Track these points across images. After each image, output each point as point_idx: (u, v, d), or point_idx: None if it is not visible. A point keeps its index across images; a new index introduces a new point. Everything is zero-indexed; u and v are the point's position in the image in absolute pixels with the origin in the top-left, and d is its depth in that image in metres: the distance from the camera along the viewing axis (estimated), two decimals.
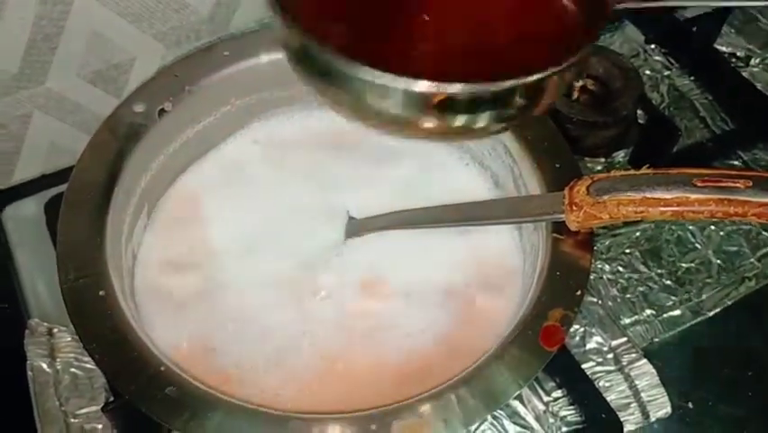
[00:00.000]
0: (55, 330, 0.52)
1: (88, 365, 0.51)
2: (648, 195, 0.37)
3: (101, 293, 0.40)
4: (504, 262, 0.48)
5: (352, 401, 0.38)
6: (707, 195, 0.36)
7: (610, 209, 0.38)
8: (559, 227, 0.42)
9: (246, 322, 0.46)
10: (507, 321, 0.43)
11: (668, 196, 0.36)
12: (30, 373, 0.50)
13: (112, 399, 0.48)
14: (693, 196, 0.36)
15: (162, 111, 0.48)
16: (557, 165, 0.45)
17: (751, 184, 0.35)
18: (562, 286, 0.40)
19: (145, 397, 0.37)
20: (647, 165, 0.39)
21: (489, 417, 0.50)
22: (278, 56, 0.51)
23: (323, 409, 0.38)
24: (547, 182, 0.45)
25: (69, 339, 0.51)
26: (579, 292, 0.40)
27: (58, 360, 0.51)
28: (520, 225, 0.48)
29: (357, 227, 0.50)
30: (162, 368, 0.38)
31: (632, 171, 0.39)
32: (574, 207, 0.39)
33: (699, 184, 0.36)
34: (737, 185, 0.36)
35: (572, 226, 0.40)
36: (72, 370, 0.51)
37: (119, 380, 0.38)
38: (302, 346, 0.45)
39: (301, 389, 0.43)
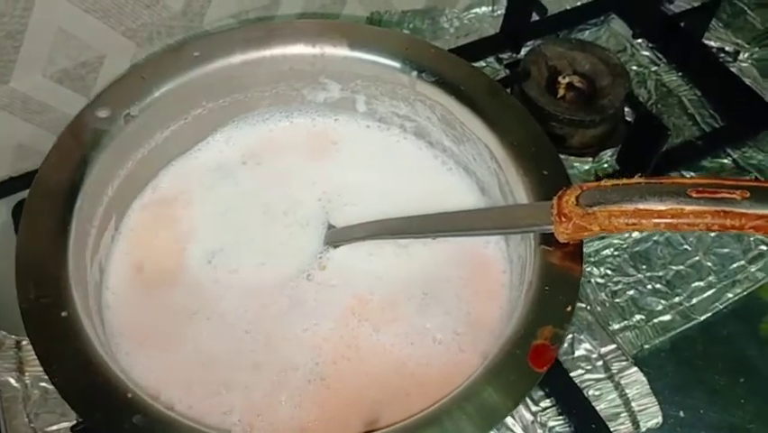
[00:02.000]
0: (23, 342, 0.50)
1: None
2: (641, 206, 0.35)
3: (63, 314, 0.38)
4: (490, 273, 0.46)
5: (337, 422, 0.37)
6: (702, 206, 0.34)
7: (601, 221, 0.36)
8: (547, 238, 0.40)
9: (221, 338, 0.44)
10: (494, 337, 0.42)
11: (662, 207, 0.35)
12: None
13: None
14: (688, 207, 0.34)
15: (128, 116, 0.46)
16: (544, 172, 0.43)
17: (748, 195, 0.34)
18: (552, 301, 0.39)
19: (110, 425, 0.35)
20: (640, 174, 0.37)
21: None
22: (253, 56, 0.49)
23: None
24: (534, 190, 0.43)
25: None
26: (569, 308, 0.38)
27: (26, 374, 0.49)
28: (507, 235, 0.46)
29: (337, 236, 0.48)
30: (129, 395, 0.36)
31: (623, 180, 0.37)
32: (563, 219, 0.37)
33: (694, 195, 0.35)
34: (734, 196, 0.34)
35: (561, 238, 0.38)
36: (42, 384, 0.49)
37: (82, 407, 0.36)
38: (284, 364, 0.43)
39: (284, 409, 0.41)
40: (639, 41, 0.71)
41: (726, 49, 0.70)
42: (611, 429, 0.48)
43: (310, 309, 0.46)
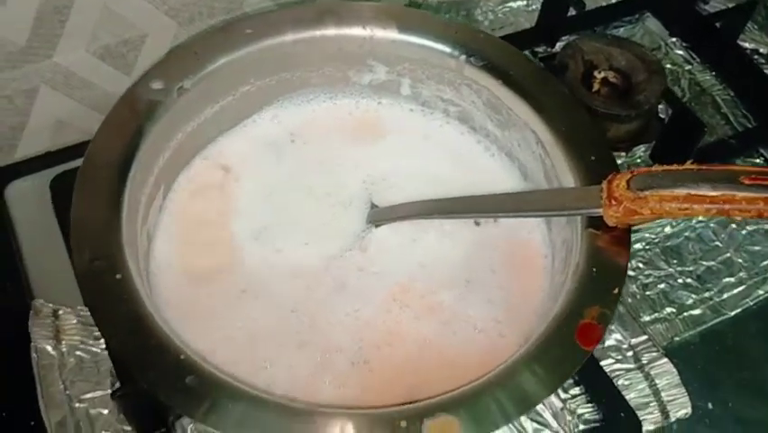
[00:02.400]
0: (60, 311, 0.50)
1: (94, 349, 0.49)
2: (693, 191, 0.36)
3: (117, 276, 0.39)
4: (532, 258, 0.47)
5: (379, 398, 0.37)
6: (755, 193, 0.35)
7: (652, 205, 0.36)
8: (594, 222, 0.41)
9: (268, 316, 0.44)
10: (536, 318, 0.42)
11: (714, 193, 0.35)
12: (34, 355, 0.48)
13: (118, 384, 0.47)
14: (740, 194, 0.35)
15: (181, 89, 0.46)
16: (592, 158, 0.44)
17: None
18: (599, 283, 0.39)
19: (164, 386, 0.36)
20: (691, 161, 0.37)
21: None
22: (304, 35, 0.49)
23: (349, 404, 0.37)
24: (582, 176, 0.43)
25: (75, 321, 0.50)
26: (616, 290, 0.39)
27: (63, 342, 0.49)
28: (549, 219, 0.47)
29: (380, 215, 0.49)
30: (182, 356, 0.36)
31: (675, 166, 0.37)
32: (613, 202, 0.38)
33: (746, 182, 0.35)
34: None
35: (610, 222, 0.39)
36: (78, 353, 0.49)
37: (137, 367, 0.36)
38: (328, 345, 0.44)
39: (327, 389, 0.42)
40: (673, 39, 0.71)
41: (761, 51, 0.71)
42: (640, 419, 0.49)
43: (353, 295, 0.46)
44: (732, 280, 0.57)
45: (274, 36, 0.49)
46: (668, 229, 0.59)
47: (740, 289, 0.56)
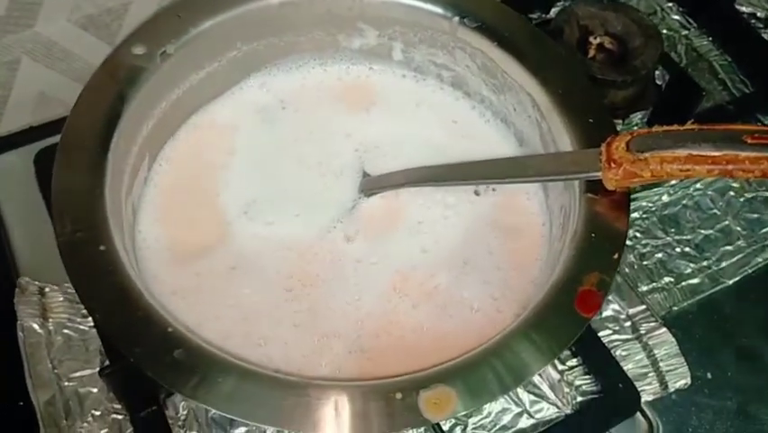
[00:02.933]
0: (47, 289, 0.49)
1: (82, 327, 0.49)
2: (695, 152, 0.35)
3: (101, 248, 0.37)
4: (528, 224, 0.46)
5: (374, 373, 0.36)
6: (759, 153, 0.34)
7: (653, 167, 0.35)
8: (592, 186, 0.40)
9: (261, 293, 0.43)
10: (534, 287, 0.41)
11: (716, 153, 0.34)
12: (21, 334, 0.47)
13: (107, 362, 0.46)
14: (744, 153, 0.34)
15: (165, 54, 0.45)
16: (590, 120, 0.43)
17: None
18: (598, 249, 0.38)
19: (151, 360, 0.35)
20: (692, 120, 0.36)
21: None
22: None
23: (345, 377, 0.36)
24: (579, 139, 0.42)
25: (62, 299, 0.49)
26: (616, 255, 0.38)
27: (50, 320, 0.48)
28: (546, 184, 0.46)
29: (372, 184, 0.48)
30: (170, 329, 0.35)
31: (675, 127, 0.36)
32: (612, 165, 0.37)
33: (749, 141, 0.34)
34: None
35: (610, 185, 0.38)
36: (65, 331, 0.48)
37: (122, 342, 0.35)
38: (326, 330, 0.42)
39: (324, 372, 0.40)
40: (669, 4, 0.70)
41: (758, 15, 0.70)
42: (639, 389, 0.48)
43: (353, 285, 0.44)
44: (730, 248, 0.56)
45: None
46: (665, 198, 0.58)
47: (739, 257, 0.56)
